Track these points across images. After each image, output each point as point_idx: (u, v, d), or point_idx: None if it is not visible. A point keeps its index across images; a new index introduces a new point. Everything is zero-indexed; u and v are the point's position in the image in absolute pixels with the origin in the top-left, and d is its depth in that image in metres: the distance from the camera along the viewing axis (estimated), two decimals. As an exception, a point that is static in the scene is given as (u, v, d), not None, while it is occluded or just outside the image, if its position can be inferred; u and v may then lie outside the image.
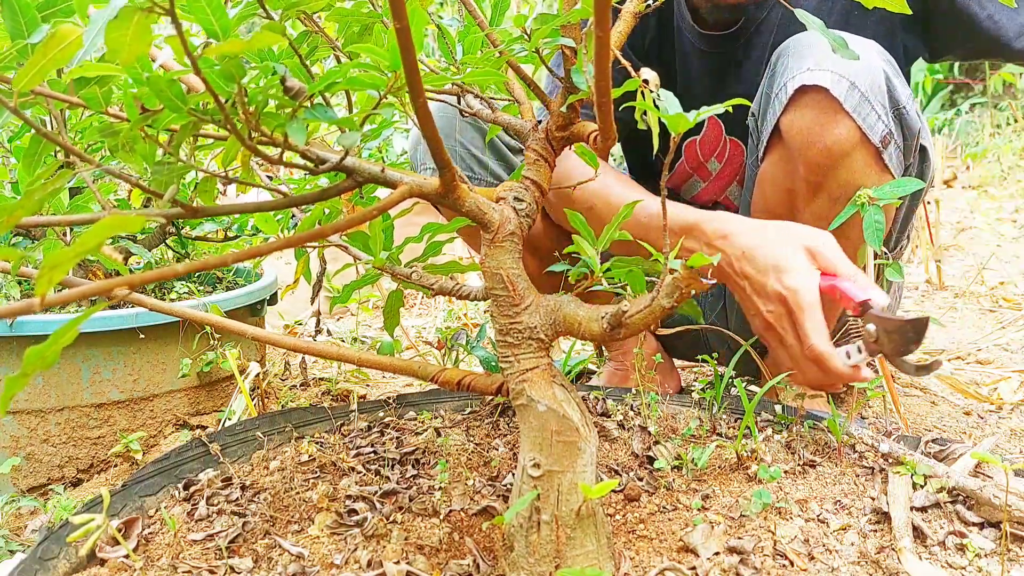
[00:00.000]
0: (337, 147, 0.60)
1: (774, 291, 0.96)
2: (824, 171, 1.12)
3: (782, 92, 1.13)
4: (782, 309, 0.96)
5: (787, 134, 1.15)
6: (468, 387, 0.82)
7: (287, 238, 0.50)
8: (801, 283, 0.94)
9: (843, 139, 1.10)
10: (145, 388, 1.33)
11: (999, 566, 0.76)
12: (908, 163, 1.19)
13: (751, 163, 1.31)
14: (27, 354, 0.42)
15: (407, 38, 0.45)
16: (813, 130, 1.11)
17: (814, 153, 1.12)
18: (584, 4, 0.64)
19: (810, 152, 1.12)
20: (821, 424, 1.04)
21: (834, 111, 1.09)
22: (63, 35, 0.43)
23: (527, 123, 0.78)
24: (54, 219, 0.47)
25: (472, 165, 1.39)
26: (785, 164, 1.20)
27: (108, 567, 0.82)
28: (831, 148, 1.11)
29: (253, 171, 0.68)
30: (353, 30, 0.67)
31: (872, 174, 1.13)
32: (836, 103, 1.09)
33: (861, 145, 1.11)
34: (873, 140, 1.10)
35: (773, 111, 1.16)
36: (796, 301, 0.93)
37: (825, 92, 1.09)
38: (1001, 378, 1.71)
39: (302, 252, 1.03)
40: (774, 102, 1.16)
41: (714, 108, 0.65)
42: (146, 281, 0.41)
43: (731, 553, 0.80)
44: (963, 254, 3.33)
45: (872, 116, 1.10)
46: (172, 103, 0.48)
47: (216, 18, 0.46)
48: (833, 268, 0.95)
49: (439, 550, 0.84)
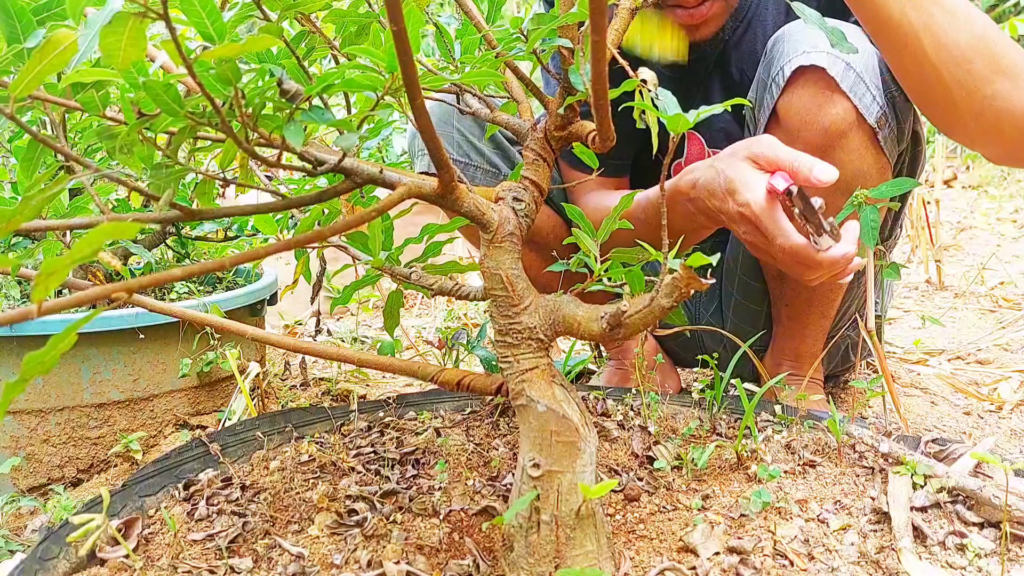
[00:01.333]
0: (336, 147, 0.60)
1: (735, 212, 1.00)
2: (822, 151, 1.13)
3: (779, 76, 1.14)
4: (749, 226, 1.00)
5: (784, 115, 1.15)
6: (468, 387, 0.82)
7: (286, 240, 0.50)
8: (750, 195, 0.97)
9: (839, 119, 1.11)
10: (145, 388, 1.34)
11: (999, 566, 0.76)
12: (902, 148, 1.20)
13: None
14: (26, 360, 0.42)
15: (404, 39, 0.45)
16: (811, 110, 1.12)
17: (811, 134, 1.13)
18: (580, 7, 0.64)
19: (807, 132, 1.13)
20: (821, 424, 1.04)
21: (831, 90, 1.10)
22: (59, 39, 0.43)
23: (525, 123, 0.78)
24: (53, 223, 0.47)
25: (469, 152, 1.40)
26: None
27: (108, 567, 0.82)
28: (828, 128, 1.11)
29: (252, 173, 0.68)
30: (350, 30, 0.67)
31: (868, 156, 1.14)
32: (833, 82, 1.09)
33: (857, 125, 1.11)
34: (869, 120, 1.11)
35: (771, 95, 1.16)
36: (752, 213, 0.97)
37: (822, 72, 1.09)
38: (1001, 378, 1.71)
39: (302, 252, 1.03)
40: (771, 86, 1.16)
41: (714, 108, 0.65)
42: (144, 286, 0.41)
43: (731, 553, 0.80)
44: (963, 254, 3.33)
45: (867, 97, 1.11)
46: (169, 107, 0.48)
47: (211, 21, 0.46)
48: (776, 163, 0.97)
49: (439, 550, 0.84)
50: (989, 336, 2.06)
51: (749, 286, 1.42)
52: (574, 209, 0.86)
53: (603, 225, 0.83)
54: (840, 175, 1.14)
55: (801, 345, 1.39)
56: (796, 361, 1.40)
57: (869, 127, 1.12)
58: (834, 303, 1.34)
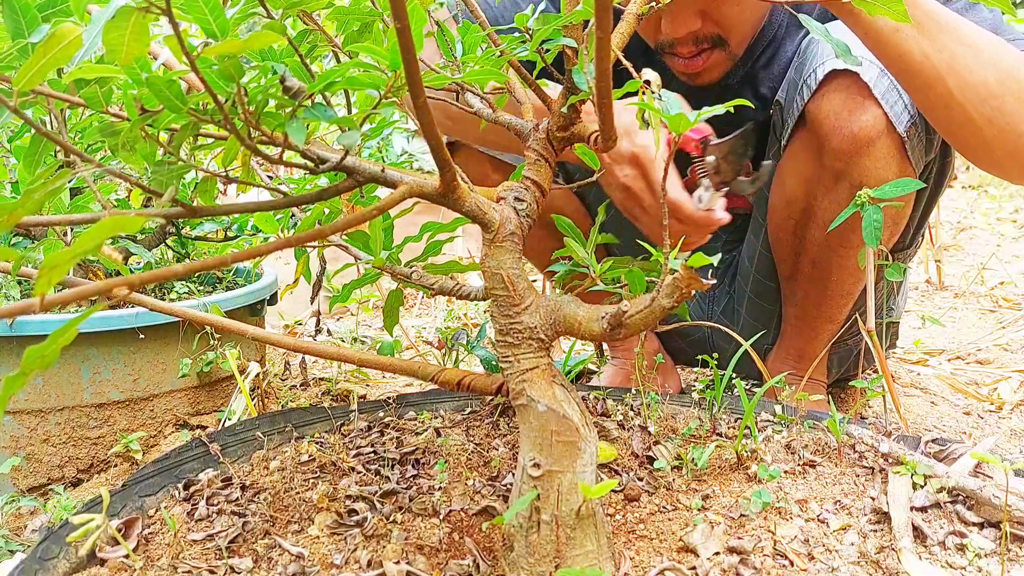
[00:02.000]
0: (337, 146, 0.60)
1: (628, 152, 1.01)
2: (848, 158, 1.12)
3: (811, 78, 1.12)
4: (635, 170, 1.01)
5: (814, 119, 1.14)
6: (468, 387, 0.82)
7: (287, 238, 0.50)
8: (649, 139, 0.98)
9: (869, 126, 1.09)
10: (145, 388, 1.33)
11: (999, 566, 0.76)
12: (929, 159, 1.18)
13: (773, 153, 1.30)
14: (26, 353, 0.42)
15: (407, 37, 0.45)
16: (841, 115, 1.11)
17: (840, 139, 1.11)
18: (585, 5, 0.64)
19: (836, 138, 1.12)
20: (821, 424, 1.04)
21: (863, 96, 1.09)
22: (63, 34, 0.43)
23: (528, 123, 0.78)
24: (54, 219, 0.47)
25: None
26: (808, 152, 1.20)
27: (108, 567, 0.82)
28: (857, 134, 1.10)
29: (253, 171, 0.68)
30: (353, 28, 0.67)
31: (893, 164, 1.12)
32: (866, 88, 1.08)
33: (887, 133, 1.10)
34: (899, 129, 1.09)
35: (801, 97, 1.15)
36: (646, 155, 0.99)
37: (855, 76, 1.08)
38: (1001, 378, 1.71)
39: (302, 252, 1.03)
40: (802, 88, 1.15)
41: (714, 109, 0.65)
42: (146, 282, 0.41)
43: (731, 553, 0.80)
44: (963, 254, 3.33)
45: (899, 105, 1.09)
46: (171, 103, 0.48)
47: (214, 17, 0.46)
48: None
49: (439, 550, 0.84)
50: (989, 336, 2.06)
51: (764, 285, 1.42)
52: (562, 220, 0.87)
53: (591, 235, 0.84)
54: (864, 183, 1.14)
55: (806, 346, 1.39)
56: (799, 362, 1.40)
57: (898, 136, 1.10)
58: (844, 308, 1.33)
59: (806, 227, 1.26)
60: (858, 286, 1.30)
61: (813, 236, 1.25)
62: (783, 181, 1.27)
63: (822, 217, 1.22)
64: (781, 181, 1.27)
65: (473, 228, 1.41)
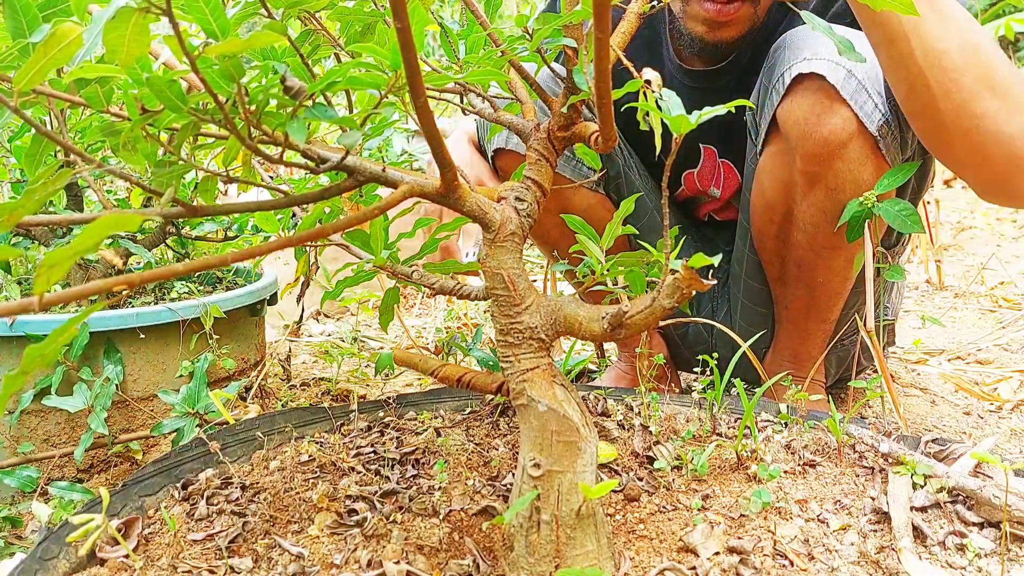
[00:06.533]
0: (338, 145, 0.60)
1: None
2: (821, 161, 1.11)
3: (779, 83, 1.12)
4: None
5: (784, 124, 1.14)
6: (468, 384, 0.82)
7: (287, 237, 0.50)
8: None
9: (840, 128, 1.09)
10: (145, 388, 1.33)
11: (999, 566, 0.76)
12: (906, 156, 1.18)
13: (750, 159, 1.31)
14: (27, 352, 0.42)
15: (408, 37, 0.45)
16: (810, 119, 1.10)
17: (811, 143, 1.11)
18: (584, 5, 0.64)
19: (807, 142, 1.11)
20: (821, 424, 1.04)
21: (831, 99, 1.08)
22: (63, 34, 0.43)
23: (529, 123, 0.78)
24: (55, 218, 0.47)
25: None
26: (783, 156, 1.19)
27: (108, 567, 0.82)
28: (828, 138, 1.09)
29: (254, 170, 0.68)
30: (355, 29, 0.67)
31: (869, 164, 1.12)
32: (833, 91, 1.07)
33: (858, 134, 1.09)
34: (870, 129, 1.09)
35: (771, 102, 1.15)
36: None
37: (822, 80, 1.08)
38: (1001, 378, 1.71)
39: (302, 252, 1.03)
40: (771, 93, 1.15)
41: (716, 109, 0.65)
42: (146, 280, 0.41)
43: (731, 553, 0.80)
44: (963, 254, 3.33)
45: (869, 104, 1.08)
46: (172, 103, 0.48)
47: (214, 17, 0.46)
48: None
49: (439, 550, 0.84)
50: (989, 336, 2.07)
51: (755, 289, 1.42)
52: (574, 219, 0.86)
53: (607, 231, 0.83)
54: (840, 185, 1.13)
55: (800, 347, 1.39)
56: (795, 363, 1.40)
57: (870, 136, 1.09)
58: (833, 309, 1.33)
59: (788, 231, 1.26)
60: (846, 286, 1.30)
61: (796, 239, 1.25)
62: (762, 186, 1.26)
63: (802, 220, 1.21)
64: (759, 184, 1.27)
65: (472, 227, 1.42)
